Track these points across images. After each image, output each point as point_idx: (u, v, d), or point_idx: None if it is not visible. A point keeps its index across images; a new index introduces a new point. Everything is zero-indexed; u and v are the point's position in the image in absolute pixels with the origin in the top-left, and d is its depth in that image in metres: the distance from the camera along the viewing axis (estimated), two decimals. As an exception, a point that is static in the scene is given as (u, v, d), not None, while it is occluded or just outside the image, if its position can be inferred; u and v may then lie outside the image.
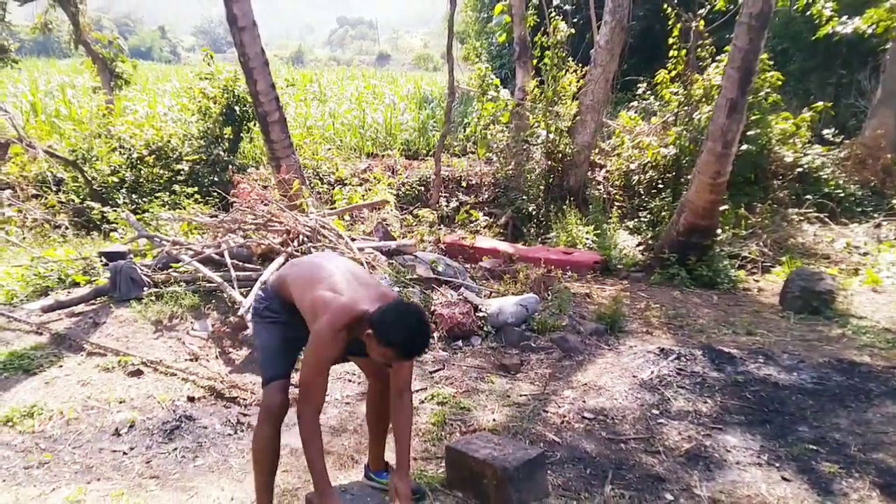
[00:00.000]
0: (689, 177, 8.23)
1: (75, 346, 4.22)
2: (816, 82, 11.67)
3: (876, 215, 8.39)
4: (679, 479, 2.98)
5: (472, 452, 2.79)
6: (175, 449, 3.19)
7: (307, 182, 7.12)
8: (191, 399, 3.72)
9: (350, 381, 4.08)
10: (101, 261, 5.29)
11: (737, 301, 6.05)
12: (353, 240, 5.31)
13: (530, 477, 2.77)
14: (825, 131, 9.72)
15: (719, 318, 5.45)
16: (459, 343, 4.67)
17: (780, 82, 8.56)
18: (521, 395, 3.88)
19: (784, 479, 2.98)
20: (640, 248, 7.59)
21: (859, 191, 8.81)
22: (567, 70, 8.88)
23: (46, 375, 3.83)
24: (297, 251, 4.95)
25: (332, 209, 6.56)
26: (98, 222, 7.36)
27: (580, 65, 8.97)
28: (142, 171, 8.46)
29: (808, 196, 8.54)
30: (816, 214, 8.31)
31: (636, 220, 8.30)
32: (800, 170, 8.77)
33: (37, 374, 3.83)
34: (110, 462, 3.04)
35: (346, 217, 6.64)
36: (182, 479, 2.95)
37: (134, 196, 8.02)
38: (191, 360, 4.24)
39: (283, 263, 4.81)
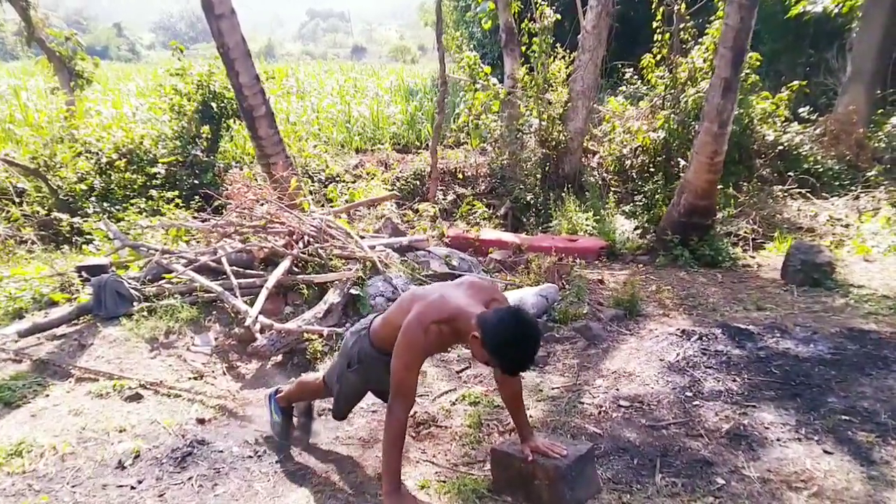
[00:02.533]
0: (679, 159, 8.30)
1: (61, 372, 3.88)
2: (787, 62, 11.92)
3: (853, 188, 8.56)
4: (726, 462, 2.95)
5: (519, 453, 2.67)
6: (190, 478, 2.91)
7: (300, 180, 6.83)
8: (200, 421, 3.44)
9: (375, 387, 3.89)
10: (81, 276, 4.93)
11: (740, 278, 6.09)
12: (362, 237, 5.09)
13: (582, 473, 2.67)
14: (800, 109, 9.89)
15: (728, 296, 5.47)
16: (482, 339, 4.51)
17: (758, 63, 8.67)
18: (553, 388, 3.78)
19: (825, 452, 2.99)
20: (638, 231, 7.59)
21: (836, 165, 8.97)
22: (555, 56, 8.81)
23: (32, 407, 3.49)
24: (303, 253, 4.72)
25: (333, 207, 6.30)
26: (68, 235, 6.91)
27: (567, 51, 8.90)
28: (112, 177, 7.96)
29: (790, 173, 8.67)
30: (799, 190, 8.46)
31: (631, 204, 8.29)
32: (780, 148, 8.89)
33: (20, 407, 3.49)
34: (117, 499, 2.75)
35: (343, 215, 6.40)
36: (203, 511, 2.68)
37: (106, 204, 7.54)
38: (195, 378, 3.96)
39: (289, 267, 4.58)
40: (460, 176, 9.40)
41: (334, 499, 2.74)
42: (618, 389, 3.73)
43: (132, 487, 2.83)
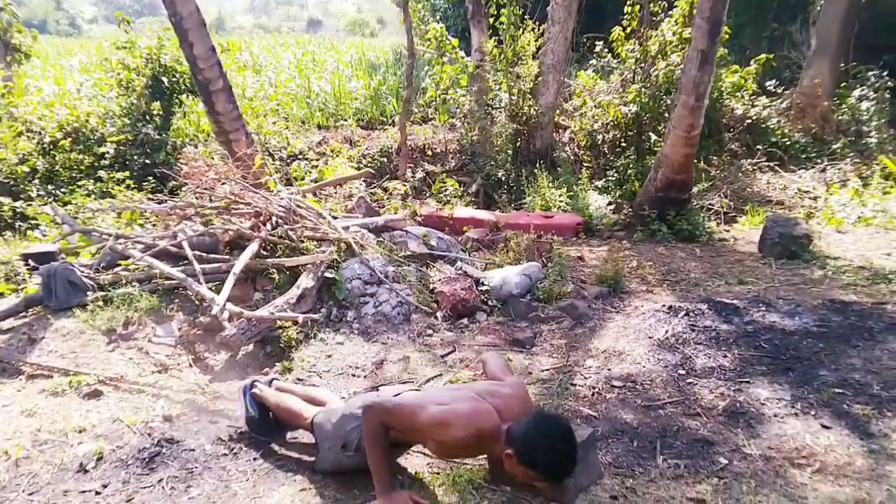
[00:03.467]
0: (651, 134, 8.23)
1: (11, 369, 3.55)
2: (751, 36, 11.92)
3: (819, 160, 8.67)
4: (727, 440, 2.89)
5: (517, 441, 2.52)
6: (160, 480, 2.67)
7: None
8: (167, 418, 3.18)
9: (354, 375, 3.67)
10: (27, 264, 4.55)
11: (718, 252, 6.07)
12: (335, 218, 4.80)
13: (584, 459, 2.55)
14: (767, 83, 9.92)
15: (708, 270, 5.43)
16: (465, 321, 4.36)
17: (727, 36, 8.61)
18: (543, 370, 3.65)
19: (823, 426, 2.95)
20: (611, 207, 7.50)
21: (802, 138, 9.06)
22: (524, 29, 8.56)
23: (-21, 408, 3.18)
24: (271, 235, 4.41)
25: (301, 186, 5.95)
26: (10, 220, 6.43)
27: (536, 23, 8.67)
28: (57, 158, 7.44)
29: (758, 146, 8.72)
30: (767, 163, 8.51)
31: (604, 179, 8.19)
32: (749, 121, 8.93)
33: (-33, 409, 3.16)
34: (81, 506, 2.50)
35: (309, 195, 6.07)
36: (177, 515, 2.45)
37: (50, 186, 7.05)
38: (159, 371, 3.67)
39: (257, 250, 4.28)
40: (429, 153, 9.12)
41: (321, 496, 2.55)
42: (609, 369, 3.62)
43: (97, 492, 2.60)
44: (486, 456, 2.67)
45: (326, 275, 4.31)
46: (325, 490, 2.59)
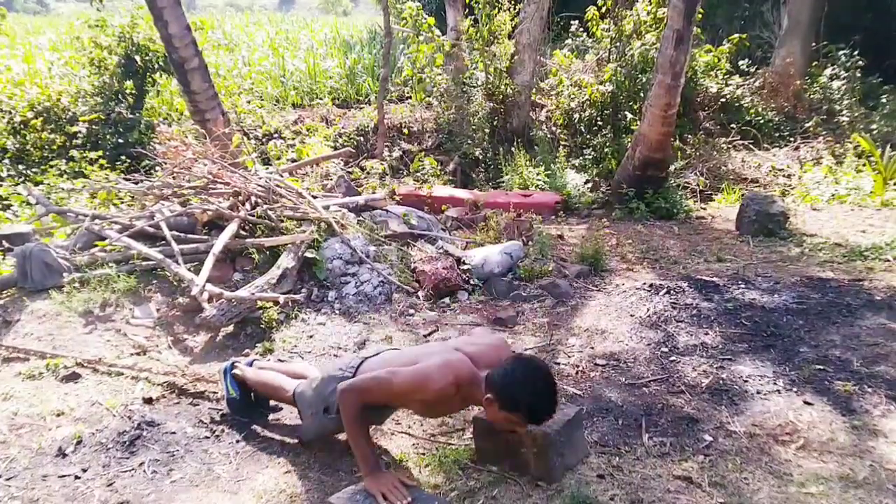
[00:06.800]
0: (626, 113, 8.25)
1: (-14, 352, 3.43)
2: (724, 16, 11.96)
3: (793, 139, 8.81)
4: (711, 418, 2.91)
5: (504, 422, 2.52)
6: (141, 464, 2.63)
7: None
8: (147, 401, 3.11)
9: (336, 356, 3.63)
10: (0, 246, 4.43)
11: (696, 230, 6.14)
12: (314, 197, 4.72)
13: (570, 438, 2.56)
14: (740, 62, 9.99)
15: (687, 248, 5.48)
16: (447, 300, 4.34)
17: (700, 16, 8.62)
18: (526, 349, 3.64)
19: (806, 403, 2.99)
20: (588, 185, 7.53)
21: (776, 117, 9.17)
22: (500, 8, 8.49)
23: (-47, 392, 3.08)
24: (251, 215, 4.33)
25: (279, 165, 5.82)
26: (-21, 201, 6.25)
27: (512, 2, 8.61)
28: (28, 137, 7.21)
29: (732, 125, 8.80)
30: (741, 142, 8.60)
31: (581, 158, 8.21)
32: (723, 100, 8.99)
33: (-59, 394, 3.07)
34: (61, 490, 2.46)
35: (286, 174, 5.96)
36: (160, 499, 2.43)
37: (21, 167, 6.83)
38: (138, 353, 3.58)
39: (236, 231, 4.20)
40: (406, 132, 9.01)
41: (305, 478, 2.53)
42: (593, 348, 3.64)
43: (76, 477, 2.55)
44: (472, 435, 2.68)
45: (307, 255, 4.25)
46: (309, 472, 2.58)
